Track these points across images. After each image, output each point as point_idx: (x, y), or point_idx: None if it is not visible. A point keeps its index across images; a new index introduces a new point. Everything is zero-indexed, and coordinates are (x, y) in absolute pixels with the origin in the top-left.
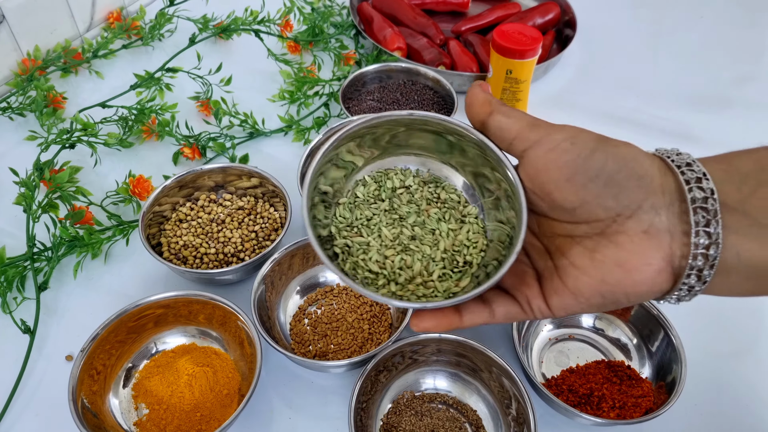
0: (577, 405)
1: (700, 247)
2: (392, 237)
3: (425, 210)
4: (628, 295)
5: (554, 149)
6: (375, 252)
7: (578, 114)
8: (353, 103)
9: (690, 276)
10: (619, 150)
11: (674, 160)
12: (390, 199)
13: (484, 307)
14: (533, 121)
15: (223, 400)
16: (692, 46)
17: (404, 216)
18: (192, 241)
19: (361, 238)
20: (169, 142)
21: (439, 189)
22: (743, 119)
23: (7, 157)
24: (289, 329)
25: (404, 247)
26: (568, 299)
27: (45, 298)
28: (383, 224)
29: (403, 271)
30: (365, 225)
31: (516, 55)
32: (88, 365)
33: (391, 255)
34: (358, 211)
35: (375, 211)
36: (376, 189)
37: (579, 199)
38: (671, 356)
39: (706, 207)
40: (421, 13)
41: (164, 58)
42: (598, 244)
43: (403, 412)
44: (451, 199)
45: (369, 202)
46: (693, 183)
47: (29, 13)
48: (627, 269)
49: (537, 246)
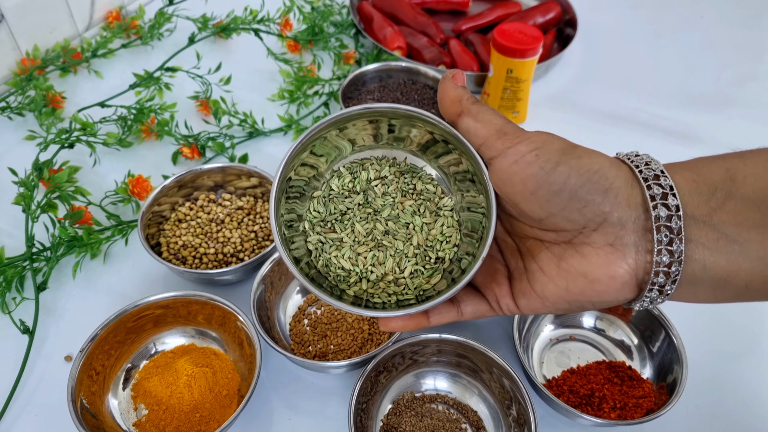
0: (577, 406)
1: (661, 265)
2: (365, 232)
3: (400, 202)
4: (593, 303)
5: (518, 161)
6: (348, 249)
7: (579, 113)
8: (353, 102)
9: (652, 290)
10: (583, 162)
11: (642, 171)
12: (364, 192)
13: (451, 307)
14: (502, 127)
15: (222, 401)
16: (693, 46)
17: (378, 209)
18: (191, 241)
19: (334, 234)
20: (168, 142)
21: (416, 179)
22: (743, 119)
23: (6, 157)
24: (289, 330)
25: (377, 243)
26: (535, 302)
27: (44, 298)
28: (357, 219)
29: (375, 268)
30: (339, 220)
31: (517, 54)
32: (87, 366)
33: (364, 251)
34: (332, 205)
35: (349, 205)
36: (351, 181)
37: (544, 211)
38: (672, 357)
39: (669, 225)
40: (422, 12)
41: (163, 58)
42: (565, 252)
43: (403, 412)
44: (427, 190)
45: (343, 196)
46: (659, 199)
47: (28, 12)
48: (590, 280)
49: (510, 244)
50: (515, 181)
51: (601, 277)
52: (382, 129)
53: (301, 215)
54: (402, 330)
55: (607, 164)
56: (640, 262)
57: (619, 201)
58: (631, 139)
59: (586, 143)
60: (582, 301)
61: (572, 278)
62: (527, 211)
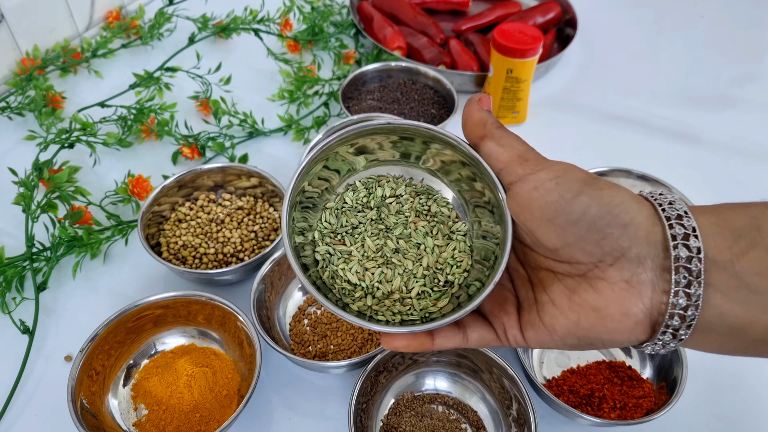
0: (578, 406)
1: (677, 307)
2: (375, 248)
3: (413, 222)
4: (603, 342)
5: (538, 188)
6: (356, 263)
7: (579, 113)
8: (353, 102)
9: (665, 333)
10: (605, 194)
11: (665, 209)
12: (378, 208)
13: (457, 331)
14: (524, 153)
15: (222, 401)
16: (693, 46)
17: (391, 227)
18: (191, 241)
19: (343, 246)
20: (168, 142)
21: (431, 201)
22: (743, 119)
23: (6, 157)
24: (289, 329)
25: (386, 260)
26: (543, 335)
27: (44, 298)
28: (368, 234)
29: (381, 285)
30: (350, 233)
31: (517, 54)
32: (87, 366)
33: (372, 267)
34: (344, 217)
35: (361, 220)
36: (365, 196)
37: (561, 241)
38: (672, 357)
39: (689, 267)
40: (422, 12)
41: (163, 58)
42: (579, 285)
43: (403, 412)
44: (442, 213)
45: (356, 209)
46: (680, 239)
47: (28, 12)
48: (603, 316)
49: (521, 273)
50: (533, 208)
51: (614, 314)
52: (401, 146)
53: (311, 225)
54: (405, 350)
55: (629, 198)
56: (656, 302)
57: (639, 237)
58: (631, 139)
59: (586, 143)
60: (592, 338)
61: (584, 312)
62: (543, 239)
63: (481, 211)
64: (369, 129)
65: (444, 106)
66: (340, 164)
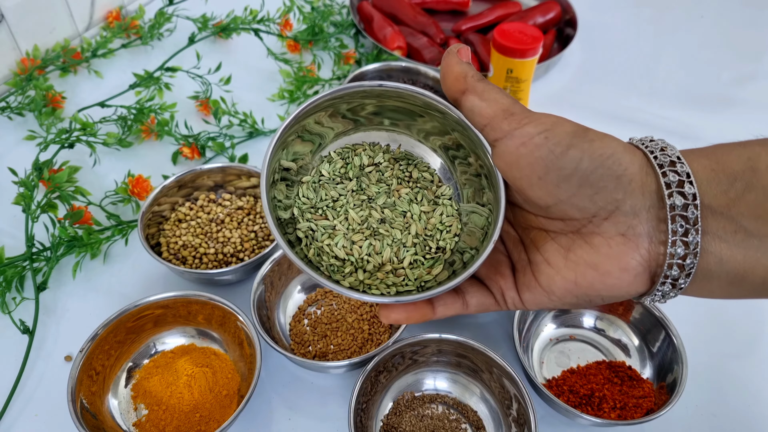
0: (577, 406)
1: (676, 257)
2: (360, 220)
3: (395, 190)
4: (602, 297)
5: (526, 143)
6: (341, 237)
7: (578, 113)
8: None
9: (665, 284)
10: (596, 146)
11: (657, 156)
12: (358, 178)
13: (456, 298)
14: (509, 107)
15: (222, 401)
16: (693, 46)
17: (373, 197)
18: (191, 241)
19: (326, 221)
20: (168, 142)
21: (411, 167)
22: (744, 119)
23: (6, 157)
24: (289, 330)
25: (373, 231)
26: (540, 296)
27: (44, 298)
28: (350, 206)
29: (371, 257)
30: (331, 207)
31: (517, 54)
32: (87, 366)
33: (359, 240)
34: (323, 191)
35: (341, 192)
36: (343, 167)
37: (552, 198)
38: (672, 357)
39: (685, 215)
40: (422, 12)
41: (163, 58)
42: (573, 243)
43: (403, 412)
44: (424, 178)
45: (335, 182)
46: (674, 187)
47: (28, 12)
48: (601, 272)
49: (512, 235)
50: (522, 165)
51: (612, 269)
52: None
53: (290, 205)
54: (405, 322)
55: (621, 149)
56: (654, 253)
57: (633, 188)
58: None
59: None
60: (591, 295)
61: (581, 270)
62: (534, 197)
63: (470, 177)
64: (340, 93)
65: None
66: (317, 133)
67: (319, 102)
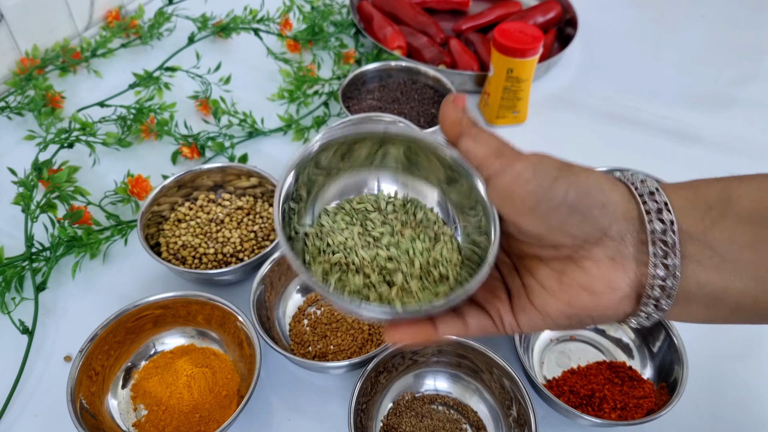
0: (578, 406)
1: (657, 278)
2: (370, 258)
3: (399, 231)
4: (593, 318)
5: (516, 179)
6: (360, 275)
7: (579, 113)
8: (353, 102)
9: (647, 305)
10: (581, 178)
11: (638, 187)
12: (363, 223)
13: (458, 319)
14: (499, 147)
15: (222, 401)
16: (693, 45)
17: (378, 237)
18: (191, 241)
19: (340, 255)
20: (168, 142)
21: (414, 209)
22: (743, 118)
23: (6, 157)
24: (289, 330)
25: (381, 269)
26: (535, 318)
27: (43, 298)
28: (359, 247)
29: (384, 285)
30: (342, 249)
31: (517, 53)
32: (86, 366)
33: (373, 275)
34: (329, 238)
35: (348, 235)
36: (346, 214)
37: (544, 227)
38: (673, 357)
39: (665, 239)
40: (422, 12)
41: (163, 57)
42: (566, 267)
43: (403, 413)
44: (427, 218)
45: (340, 227)
46: (653, 214)
47: (28, 12)
48: (593, 294)
49: (507, 263)
50: (515, 199)
51: (604, 290)
52: (378, 151)
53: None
54: (409, 341)
55: (603, 180)
56: (639, 275)
57: (617, 215)
58: (631, 139)
59: (586, 143)
60: (582, 316)
61: (574, 292)
62: (527, 228)
63: (467, 211)
64: (346, 137)
65: None
66: (323, 167)
67: (327, 141)
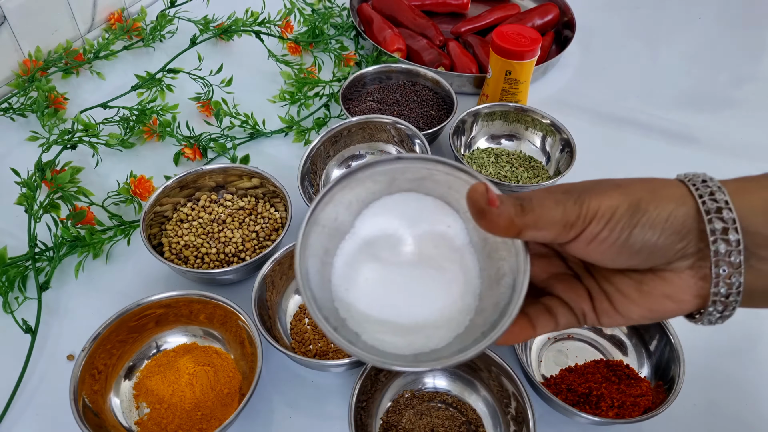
0: (575, 404)
1: (722, 278)
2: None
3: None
4: (672, 317)
5: (593, 240)
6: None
7: (577, 114)
8: (353, 103)
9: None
10: (653, 215)
11: (706, 201)
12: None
13: (550, 317)
14: (564, 220)
15: (223, 400)
16: (691, 47)
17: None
18: (193, 241)
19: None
20: (170, 143)
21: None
22: (743, 119)
23: (9, 158)
24: (290, 328)
25: None
26: (617, 320)
27: (46, 297)
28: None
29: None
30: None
31: (515, 56)
32: (89, 365)
33: None
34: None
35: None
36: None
37: (629, 264)
38: (670, 355)
39: (727, 238)
40: (421, 15)
41: (165, 59)
42: (644, 276)
43: (402, 411)
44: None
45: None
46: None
47: (30, 13)
48: (677, 301)
49: (580, 265)
50: (596, 257)
51: (688, 298)
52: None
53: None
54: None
55: (673, 205)
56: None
57: (693, 236)
58: (630, 139)
59: (585, 144)
60: (662, 318)
61: (657, 300)
62: (612, 266)
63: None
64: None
65: (443, 107)
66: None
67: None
